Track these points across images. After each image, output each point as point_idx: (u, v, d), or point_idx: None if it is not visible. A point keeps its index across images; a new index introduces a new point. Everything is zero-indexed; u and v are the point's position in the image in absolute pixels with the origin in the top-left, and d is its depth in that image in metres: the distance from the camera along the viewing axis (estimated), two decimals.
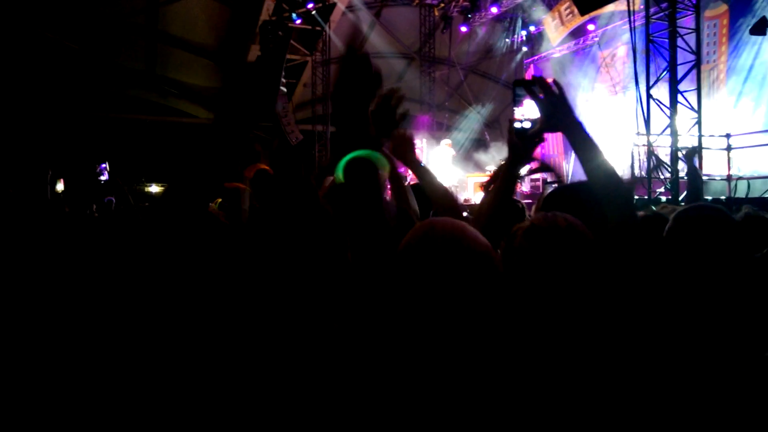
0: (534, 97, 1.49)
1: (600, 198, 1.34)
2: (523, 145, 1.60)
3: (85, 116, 14.51)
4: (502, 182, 1.63)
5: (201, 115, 17.17)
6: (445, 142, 12.77)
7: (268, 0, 13.80)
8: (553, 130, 1.49)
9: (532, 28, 15.55)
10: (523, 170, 1.76)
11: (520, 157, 1.62)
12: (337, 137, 1.24)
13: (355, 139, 1.16)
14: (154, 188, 14.51)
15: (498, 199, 1.62)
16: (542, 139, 1.63)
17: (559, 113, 1.44)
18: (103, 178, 6.61)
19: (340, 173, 1.17)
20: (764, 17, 9.50)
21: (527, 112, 1.60)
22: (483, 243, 1.14)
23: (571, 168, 13.44)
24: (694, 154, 3.60)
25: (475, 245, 1.13)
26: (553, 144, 14.84)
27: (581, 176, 1.52)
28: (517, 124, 1.61)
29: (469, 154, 15.27)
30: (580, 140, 1.39)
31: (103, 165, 6.66)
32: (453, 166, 12.40)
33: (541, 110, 1.49)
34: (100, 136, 14.11)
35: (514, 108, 1.62)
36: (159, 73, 15.65)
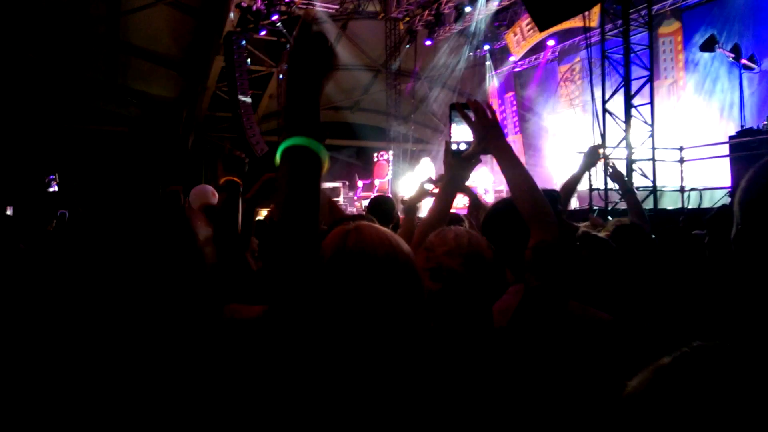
0: (467, 120, 1.54)
1: (524, 214, 1.39)
2: (459, 165, 1.64)
3: (40, 126, 14.10)
4: (438, 201, 1.67)
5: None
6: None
7: (233, 11, 13.75)
8: (484, 152, 1.53)
9: (495, 44, 15.85)
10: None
11: (457, 176, 1.66)
12: (285, 114, 1.13)
13: (303, 120, 1.06)
14: None
15: (435, 217, 1.65)
16: (479, 161, 1.68)
17: (489, 136, 1.48)
18: (52, 189, 6.40)
19: (278, 157, 1.07)
20: (713, 35, 9.90)
21: (463, 133, 1.65)
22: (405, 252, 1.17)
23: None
24: (620, 176, 3.55)
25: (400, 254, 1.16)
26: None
27: None
28: (453, 146, 1.66)
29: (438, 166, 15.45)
30: (507, 161, 1.44)
31: (52, 176, 6.43)
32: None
33: (474, 133, 1.53)
34: (53, 147, 13.68)
35: (451, 129, 1.67)
36: (120, 83, 15.37)
